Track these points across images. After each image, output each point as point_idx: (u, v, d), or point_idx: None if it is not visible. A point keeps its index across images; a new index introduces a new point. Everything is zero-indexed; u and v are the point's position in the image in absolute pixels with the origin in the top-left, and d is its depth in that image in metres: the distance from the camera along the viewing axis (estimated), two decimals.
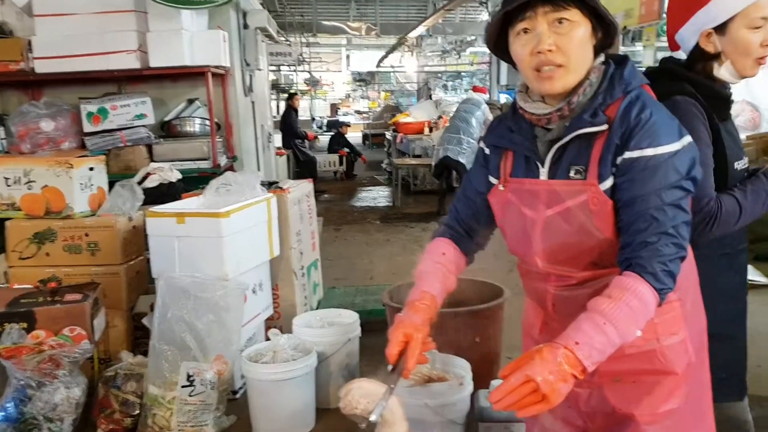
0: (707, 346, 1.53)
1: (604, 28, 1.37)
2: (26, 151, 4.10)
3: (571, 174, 1.36)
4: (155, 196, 3.30)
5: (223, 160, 4.49)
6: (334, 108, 28.58)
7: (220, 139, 4.64)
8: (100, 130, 4.25)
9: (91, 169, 2.89)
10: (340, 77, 31.16)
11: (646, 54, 12.69)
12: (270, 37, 6.72)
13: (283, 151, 8.94)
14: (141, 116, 4.34)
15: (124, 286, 2.75)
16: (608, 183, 1.33)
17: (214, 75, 4.59)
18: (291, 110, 10.40)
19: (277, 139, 9.33)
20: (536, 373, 1.14)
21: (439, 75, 31.54)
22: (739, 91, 10.81)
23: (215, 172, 4.16)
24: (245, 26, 5.33)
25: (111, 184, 3.44)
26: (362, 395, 1.38)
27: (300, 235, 3.06)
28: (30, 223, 2.76)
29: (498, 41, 1.42)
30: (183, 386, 2.15)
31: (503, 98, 13.75)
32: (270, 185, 3.04)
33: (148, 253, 2.60)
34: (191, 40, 4.28)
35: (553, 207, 1.38)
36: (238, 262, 2.52)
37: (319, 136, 16.80)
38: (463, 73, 31.87)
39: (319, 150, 14.45)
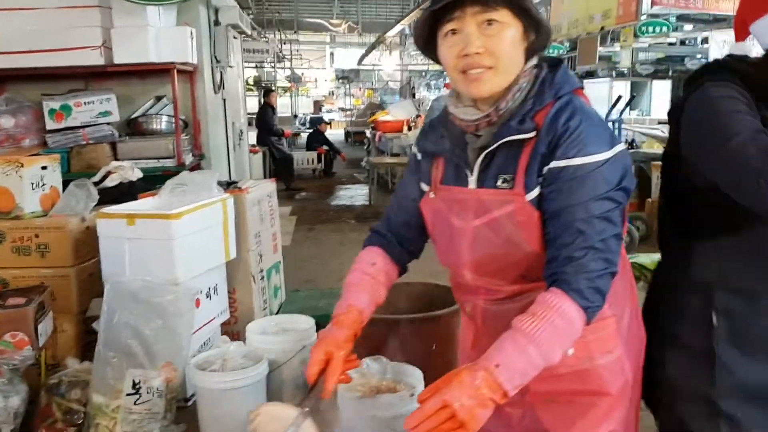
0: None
1: (537, 30, 1.32)
2: None
3: (499, 183, 1.31)
4: (114, 195, 3.22)
5: (189, 159, 4.42)
6: (318, 105, 28.57)
7: (187, 137, 4.56)
8: (63, 127, 4.17)
9: (44, 168, 2.81)
10: (324, 74, 31.08)
11: (623, 54, 12.80)
12: (243, 33, 6.64)
13: (257, 148, 8.84)
14: (106, 113, 4.26)
15: (74, 288, 2.67)
16: (534, 193, 1.27)
17: (181, 72, 4.51)
18: (267, 107, 10.31)
19: (252, 137, 9.24)
20: (454, 398, 1.08)
21: (423, 74, 31.57)
22: None
23: (179, 170, 4.07)
24: (216, 23, 5.24)
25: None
26: (270, 420, 1.31)
27: (259, 237, 3.00)
28: None
29: (429, 42, 1.37)
30: (128, 394, 2.08)
31: None
32: (228, 185, 2.98)
33: None
34: (157, 37, 4.20)
35: (481, 217, 1.33)
36: (190, 266, 2.45)
37: (301, 133, 16.67)
38: (445, 73, 31.86)
39: (300, 147, 14.36)
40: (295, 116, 20.10)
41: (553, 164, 1.25)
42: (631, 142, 11.39)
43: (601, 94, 12.89)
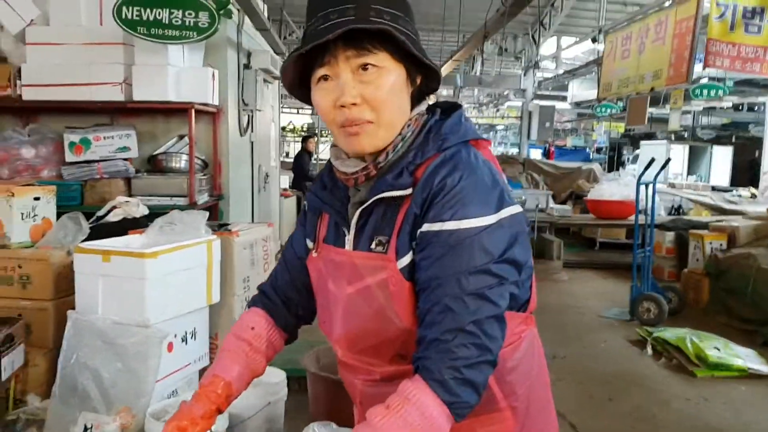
0: None
1: (424, 72, 1.16)
2: (4, 176, 4.08)
3: (373, 246, 1.13)
4: (116, 231, 3.18)
5: (203, 198, 4.40)
6: None
7: (205, 177, 4.55)
8: (81, 160, 4.20)
9: (37, 198, 2.80)
10: None
11: (672, 116, 12.54)
12: (278, 78, 6.70)
13: (289, 192, 8.89)
14: (124, 149, 4.29)
15: (52, 323, 2.62)
16: (406, 260, 1.10)
17: (203, 112, 4.53)
18: (304, 153, 10.42)
19: (285, 181, 9.30)
20: None
21: (477, 126, 31.67)
22: None
23: (190, 209, 4.05)
24: (247, 66, 5.28)
25: (89, 216, 3.34)
26: None
27: (248, 282, 2.91)
28: None
29: (303, 85, 1.19)
30: None
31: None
32: (219, 227, 2.92)
33: None
34: (177, 76, 4.24)
35: (354, 284, 1.16)
36: (163, 307, 2.37)
37: None
38: (498, 126, 32.07)
39: None
40: None
41: (425, 227, 1.07)
42: (678, 208, 11.04)
43: (658, 157, 12.61)
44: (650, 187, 5.82)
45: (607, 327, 5.78)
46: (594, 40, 9.75)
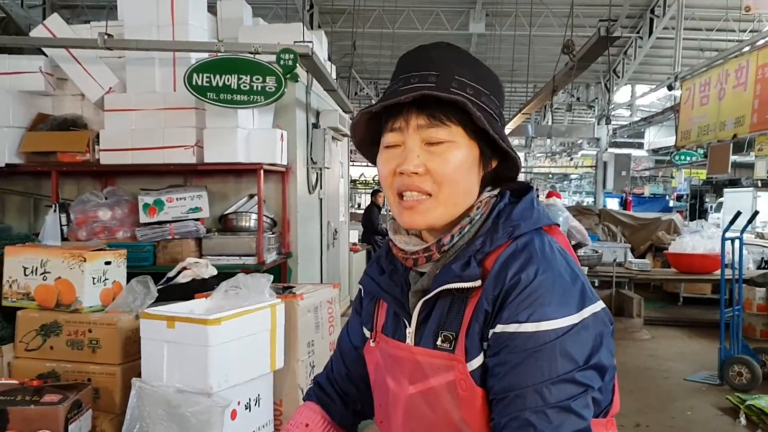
0: None
1: (501, 157, 1.06)
2: (82, 237, 4.20)
3: (439, 342, 1.00)
4: (185, 292, 3.21)
5: (271, 257, 4.41)
6: None
7: (273, 235, 4.57)
8: (154, 221, 4.30)
9: (108, 263, 2.85)
10: None
11: (757, 164, 11.93)
12: (347, 135, 6.77)
13: (357, 247, 8.86)
14: (196, 209, 4.37)
15: (119, 388, 2.63)
16: (477, 362, 0.96)
17: (272, 172, 4.59)
18: (374, 206, 10.44)
19: (354, 235, 9.29)
20: None
21: (550, 176, 31.32)
22: None
23: (258, 269, 4.06)
24: (315, 125, 5.35)
25: (160, 276, 3.40)
26: None
27: (312, 346, 2.86)
28: (39, 315, 2.73)
29: (375, 142, 1.11)
30: None
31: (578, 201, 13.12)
32: (284, 290, 2.89)
33: None
34: (247, 138, 4.31)
35: (416, 383, 1.03)
36: (226, 375, 2.34)
37: None
38: (572, 176, 31.59)
39: None
40: None
41: (499, 328, 0.94)
42: None
43: (743, 205, 12.03)
44: (737, 241, 5.48)
45: (693, 392, 5.39)
46: (670, 88, 9.46)
